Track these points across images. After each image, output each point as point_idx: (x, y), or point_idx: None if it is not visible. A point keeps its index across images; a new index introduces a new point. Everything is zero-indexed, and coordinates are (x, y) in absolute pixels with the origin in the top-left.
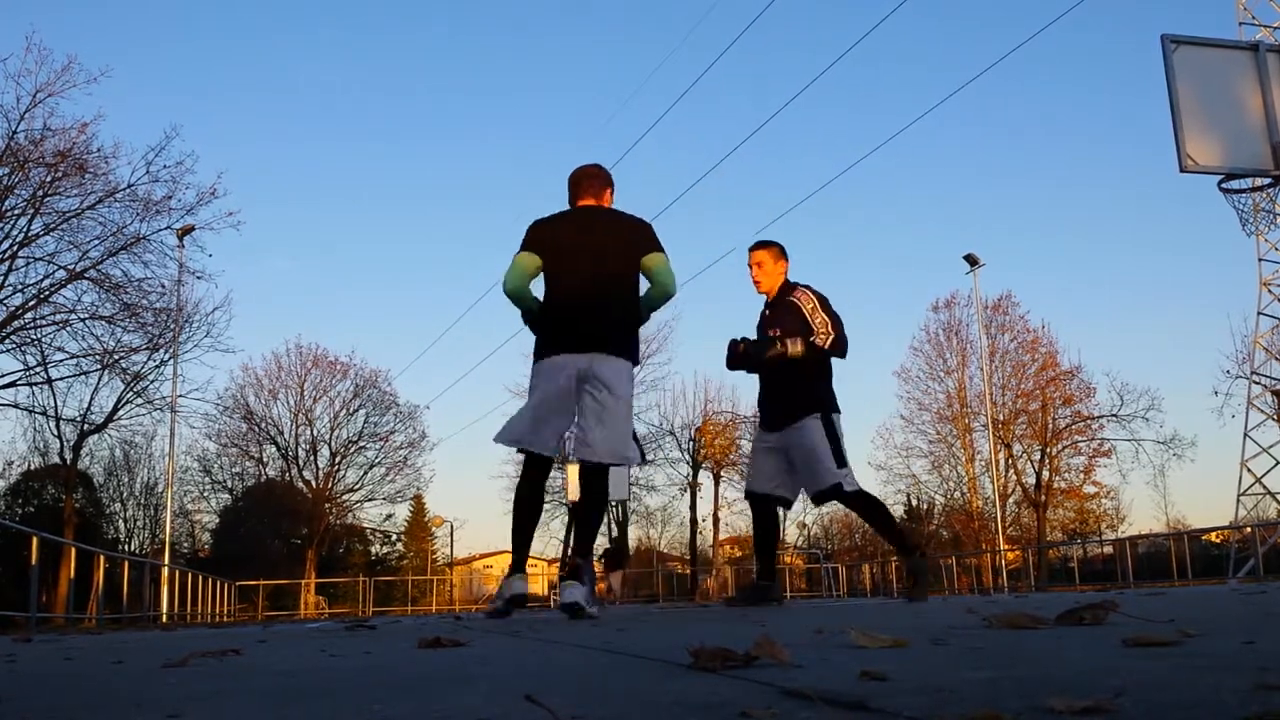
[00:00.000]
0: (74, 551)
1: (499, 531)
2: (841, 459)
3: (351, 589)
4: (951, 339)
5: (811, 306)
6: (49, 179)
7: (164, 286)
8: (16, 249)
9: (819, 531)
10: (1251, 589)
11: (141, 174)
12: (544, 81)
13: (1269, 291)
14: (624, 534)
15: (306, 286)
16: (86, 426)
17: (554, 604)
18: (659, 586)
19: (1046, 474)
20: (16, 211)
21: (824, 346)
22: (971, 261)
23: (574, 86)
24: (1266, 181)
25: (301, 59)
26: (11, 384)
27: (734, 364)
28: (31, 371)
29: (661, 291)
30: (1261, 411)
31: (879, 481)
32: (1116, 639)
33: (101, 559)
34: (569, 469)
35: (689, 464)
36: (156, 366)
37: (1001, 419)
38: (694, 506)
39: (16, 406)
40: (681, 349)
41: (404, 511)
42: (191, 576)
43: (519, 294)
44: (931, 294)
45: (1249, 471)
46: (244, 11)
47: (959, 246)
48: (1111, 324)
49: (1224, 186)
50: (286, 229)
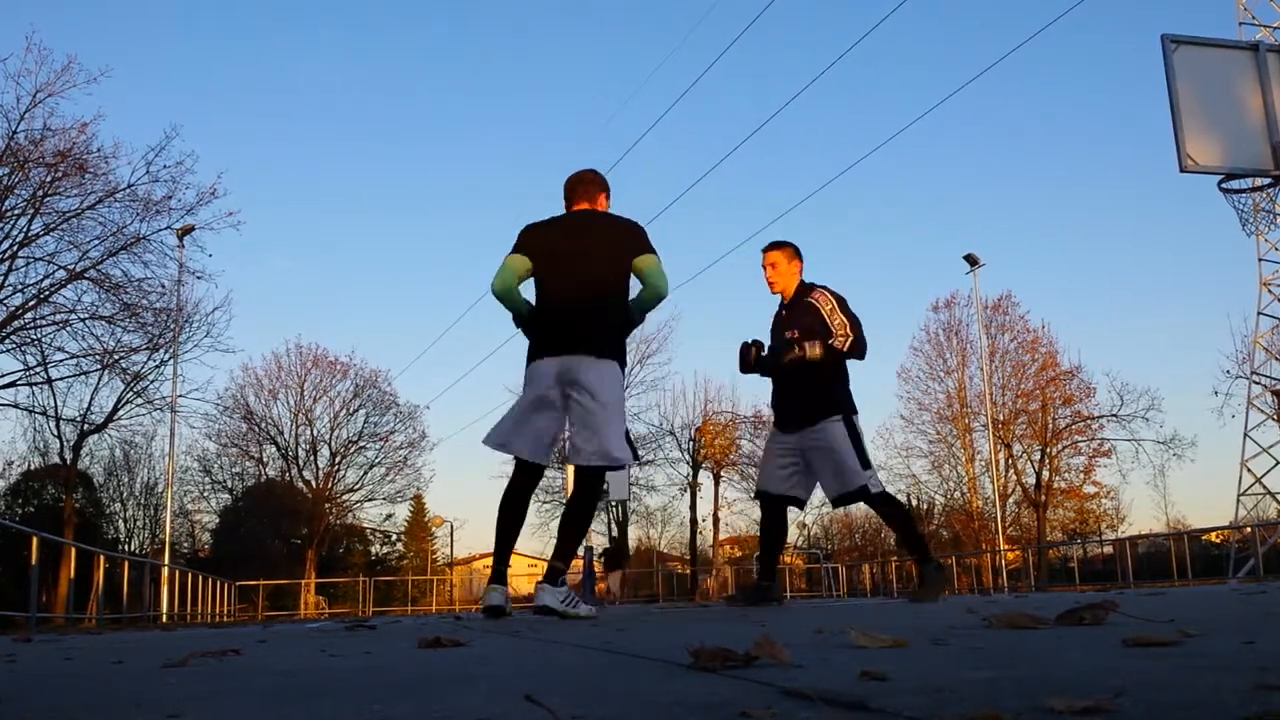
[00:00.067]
0: (74, 551)
1: None
2: (866, 461)
3: (351, 589)
4: (951, 339)
5: (830, 308)
6: (49, 179)
7: (164, 286)
8: (16, 249)
9: (819, 531)
10: (1251, 589)
11: (141, 174)
12: (544, 81)
13: (1269, 291)
14: (624, 534)
15: (306, 286)
16: (86, 426)
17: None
18: (659, 586)
19: (1046, 474)
20: (16, 211)
21: (842, 349)
22: (971, 261)
23: (574, 86)
24: (1266, 181)
25: (301, 59)
26: (11, 384)
27: (747, 368)
28: (31, 371)
29: (653, 293)
30: (1261, 411)
31: None
32: (1116, 639)
33: (101, 559)
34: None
35: (689, 464)
36: (156, 366)
37: (1001, 419)
38: (694, 506)
39: (16, 406)
40: (681, 349)
41: (404, 511)
42: (191, 576)
43: (507, 294)
44: (931, 294)
45: (1249, 471)
46: (244, 11)
47: (959, 246)
48: (1111, 324)
49: (1224, 186)
50: (286, 229)
